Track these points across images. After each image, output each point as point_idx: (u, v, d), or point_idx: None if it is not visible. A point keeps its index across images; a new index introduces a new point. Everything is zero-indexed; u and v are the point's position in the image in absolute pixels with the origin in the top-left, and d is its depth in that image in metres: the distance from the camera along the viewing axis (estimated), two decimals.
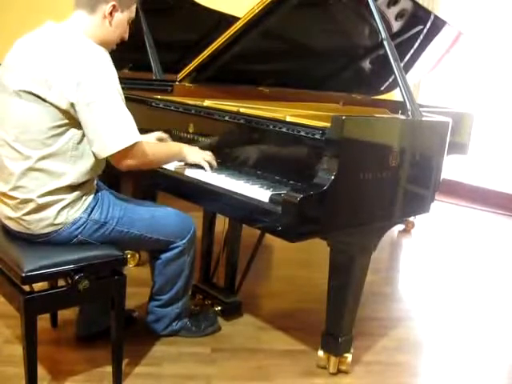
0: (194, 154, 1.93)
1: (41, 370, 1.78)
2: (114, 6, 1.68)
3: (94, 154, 1.65)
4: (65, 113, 1.58)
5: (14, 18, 4.56)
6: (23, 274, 1.57)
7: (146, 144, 1.71)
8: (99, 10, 1.68)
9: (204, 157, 1.93)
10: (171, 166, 1.97)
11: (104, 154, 1.62)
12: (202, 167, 1.91)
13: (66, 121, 1.59)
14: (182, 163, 1.97)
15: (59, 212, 1.67)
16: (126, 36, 1.81)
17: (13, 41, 1.71)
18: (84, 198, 1.72)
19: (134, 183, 2.71)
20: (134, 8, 1.78)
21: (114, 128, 1.59)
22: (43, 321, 2.07)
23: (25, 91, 1.58)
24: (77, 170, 1.66)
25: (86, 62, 1.56)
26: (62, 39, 1.61)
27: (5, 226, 1.77)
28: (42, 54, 1.59)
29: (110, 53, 1.74)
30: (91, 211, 1.73)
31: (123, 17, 1.73)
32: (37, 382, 1.64)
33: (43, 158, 1.61)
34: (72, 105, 1.56)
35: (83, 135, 1.63)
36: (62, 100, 1.55)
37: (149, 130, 2.12)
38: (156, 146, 1.85)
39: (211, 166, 1.92)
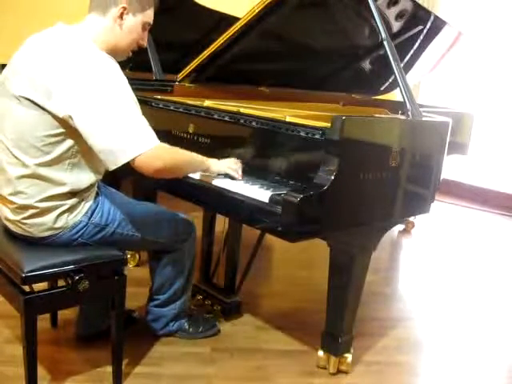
0: (219, 163, 1.82)
1: (41, 370, 1.78)
2: (124, 9, 1.63)
3: (104, 164, 1.58)
4: (62, 122, 1.54)
5: (16, 18, 4.56)
6: (23, 275, 1.57)
7: (170, 148, 1.64)
8: (110, 13, 1.63)
9: (230, 165, 1.83)
10: None
11: (113, 165, 1.54)
12: (229, 177, 1.83)
13: (64, 130, 1.56)
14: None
15: (58, 216, 1.65)
16: (144, 43, 1.74)
17: (14, 41, 1.69)
18: (83, 202, 1.70)
19: (134, 183, 2.71)
20: (149, 12, 1.70)
21: (119, 138, 1.51)
22: (43, 321, 2.07)
23: (24, 97, 1.55)
24: (75, 178, 1.63)
25: (88, 72, 1.51)
26: (69, 46, 1.56)
27: (5, 227, 1.77)
28: (47, 61, 1.54)
29: None
30: (91, 215, 1.72)
31: (136, 21, 1.66)
32: (37, 382, 1.64)
33: (41, 165, 1.58)
34: (70, 117, 1.51)
35: (82, 145, 1.58)
36: (61, 110, 1.52)
37: None
38: (179, 150, 1.72)
39: (238, 175, 1.83)
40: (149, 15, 1.71)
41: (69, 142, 1.59)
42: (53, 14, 1.87)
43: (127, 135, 1.52)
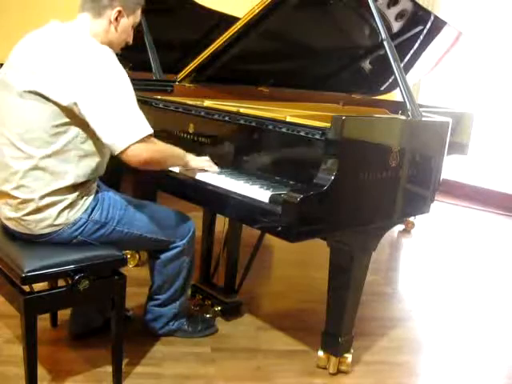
0: (196, 159, 1.90)
1: (41, 370, 1.78)
2: (119, 12, 1.69)
3: (109, 151, 1.64)
4: (67, 111, 1.57)
5: (14, 18, 4.56)
6: (23, 275, 1.57)
7: (157, 140, 1.69)
8: (105, 15, 1.68)
9: (205, 161, 1.92)
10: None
11: (118, 148, 1.57)
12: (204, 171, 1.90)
13: (69, 119, 1.58)
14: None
15: (60, 213, 1.66)
16: (131, 40, 1.81)
17: (12, 41, 1.70)
18: (84, 198, 1.71)
19: (134, 183, 2.71)
20: (139, 13, 1.77)
21: (123, 122, 1.56)
22: (43, 321, 2.07)
23: (28, 91, 1.57)
24: (80, 169, 1.65)
25: (90, 59, 1.56)
26: (66, 38, 1.61)
27: (5, 226, 1.77)
28: (46, 53, 1.58)
29: None
30: (91, 212, 1.73)
31: (128, 22, 1.74)
32: (37, 382, 1.64)
33: (47, 156, 1.60)
34: (75, 103, 1.55)
35: (87, 134, 1.62)
36: (65, 98, 1.54)
37: None
38: (164, 144, 1.78)
39: (213, 169, 1.92)
40: (138, 15, 1.78)
41: (73, 133, 1.61)
42: (53, 14, 1.86)
43: (130, 120, 1.57)
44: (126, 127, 1.56)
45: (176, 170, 1.93)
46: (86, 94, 1.54)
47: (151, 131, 1.62)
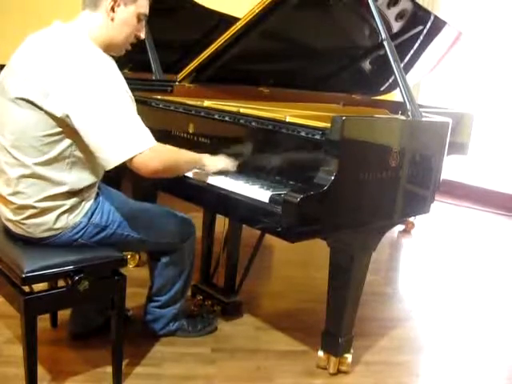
0: (213, 158, 1.85)
1: (41, 370, 1.78)
2: (114, 1, 1.60)
3: (101, 163, 1.57)
4: (60, 121, 1.53)
5: (14, 20, 4.56)
6: (23, 275, 1.57)
7: (165, 148, 1.64)
8: (101, 7, 1.61)
9: (222, 161, 1.86)
10: None
11: (110, 164, 1.53)
12: (223, 173, 1.85)
13: (62, 129, 1.55)
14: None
15: (58, 217, 1.65)
16: (142, 34, 1.71)
17: (12, 42, 1.69)
18: (83, 203, 1.70)
19: (134, 183, 2.70)
20: (142, 2, 1.66)
21: (117, 136, 1.50)
22: (43, 321, 2.07)
23: (22, 99, 1.54)
24: (74, 177, 1.63)
25: (84, 71, 1.50)
26: (65, 44, 1.56)
27: (5, 227, 1.76)
28: (43, 60, 1.54)
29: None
30: (91, 215, 1.71)
31: (129, 12, 1.63)
32: (37, 382, 1.64)
33: (39, 164, 1.58)
34: (67, 116, 1.51)
35: (80, 144, 1.57)
36: (58, 109, 1.51)
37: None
38: (175, 149, 1.72)
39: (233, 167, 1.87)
40: (142, 5, 1.66)
41: (67, 142, 1.58)
42: (54, 16, 1.86)
43: (124, 134, 1.52)
44: (122, 141, 1.50)
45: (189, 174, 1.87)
46: (78, 108, 1.49)
47: (152, 144, 1.55)
